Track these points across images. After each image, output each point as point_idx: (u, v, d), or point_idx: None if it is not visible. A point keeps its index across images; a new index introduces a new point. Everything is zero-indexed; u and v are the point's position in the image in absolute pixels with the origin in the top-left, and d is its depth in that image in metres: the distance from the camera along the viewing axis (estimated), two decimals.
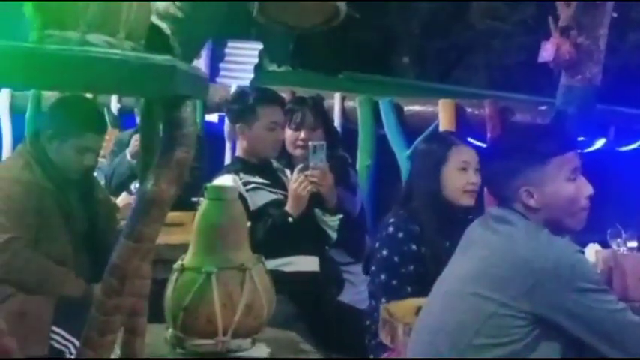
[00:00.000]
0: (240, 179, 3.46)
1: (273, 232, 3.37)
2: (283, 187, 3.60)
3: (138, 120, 5.10)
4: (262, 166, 3.65)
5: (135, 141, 4.55)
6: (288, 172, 3.70)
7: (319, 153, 3.53)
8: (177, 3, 1.42)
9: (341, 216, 3.67)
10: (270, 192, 3.55)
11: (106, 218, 3.43)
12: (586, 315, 2.14)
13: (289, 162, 3.87)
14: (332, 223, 3.63)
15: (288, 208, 3.46)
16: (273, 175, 3.66)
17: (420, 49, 10.85)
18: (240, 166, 3.61)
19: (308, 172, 3.49)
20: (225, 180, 3.38)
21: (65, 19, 1.33)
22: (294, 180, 3.48)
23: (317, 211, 3.59)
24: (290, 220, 3.43)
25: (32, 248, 3.10)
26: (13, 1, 1.49)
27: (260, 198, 3.50)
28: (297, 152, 3.89)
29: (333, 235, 3.66)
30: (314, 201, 3.54)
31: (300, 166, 3.53)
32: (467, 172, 3.20)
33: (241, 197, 3.12)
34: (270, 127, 3.64)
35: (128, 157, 4.66)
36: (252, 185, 3.51)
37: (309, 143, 3.63)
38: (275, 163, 3.76)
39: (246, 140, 3.68)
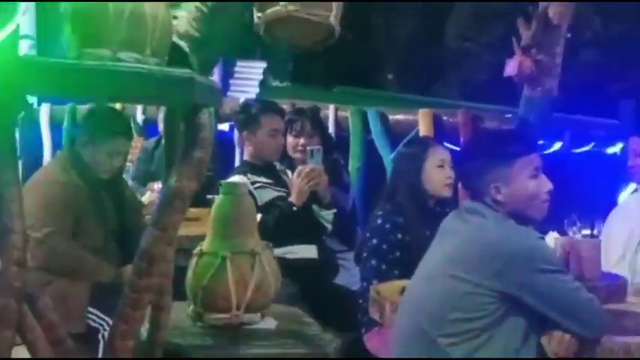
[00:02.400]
0: (248, 179, 3.47)
1: (281, 220, 3.38)
2: (285, 185, 3.61)
3: (160, 129, 5.12)
4: (267, 168, 3.66)
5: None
6: (289, 172, 3.71)
7: (316, 156, 3.54)
8: (195, 23, 1.42)
9: (335, 210, 3.67)
10: (274, 190, 3.56)
11: (133, 213, 3.42)
12: (547, 293, 2.14)
13: (290, 164, 3.87)
14: (327, 216, 3.64)
15: (292, 199, 3.47)
16: (276, 176, 3.67)
17: (403, 66, 10.85)
18: (248, 167, 3.62)
19: (305, 170, 3.50)
20: (235, 179, 3.39)
21: (99, 38, 1.33)
22: (298, 175, 3.49)
23: (314, 206, 3.59)
24: (294, 208, 3.44)
25: (69, 240, 3.10)
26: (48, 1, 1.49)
27: (266, 194, 3.50)
28: (297, 156, 3.89)
29: (328, 226, 3.67)
30: (312, 198, 3.55)
31: (301, 167, 3.55)
32: (444, 169, 3.21)
33: (250, 194, 3.15)
34: (272, 134, 3.65)
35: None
36: (259, 184, 3.52)
37: (307, 148, 3.64)
38: (278, 165, 3.77)
39: (252, 145, 3.69)
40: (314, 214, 3.60)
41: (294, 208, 3.45)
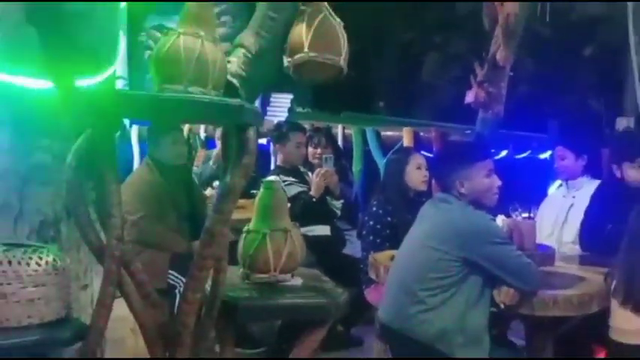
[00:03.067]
0: (280, 178, 3.46)
1: (303, 208, 3.37)
2: (306, 182, 3.59)
3: (217, 143, 5.14)
4: (293, 170, 3.64)
5: (214, 156, 4.62)
6: (310, 173, 3.70)
7: (329, 162, 3.56)
8: (243, 66, 1.41)
9: (342, 201, 3.66)
10: (299, 186, 3.54)
11: (200, 203, 3.41)
12: (497, 258, 2.13)
13: (311, 167, 3.86)
14: (337, 205, 3.63)
15: (312, 193, 3.46)
16: (300, 176, 3.65)
17: (391, 97, 10.81)
18: (280, 170, 3.61)
19: (321, 171, 3.50)
20: (271, 179, 3.39)
21: (174, 77, 1.33)
22: (316, 176, 3.49)
23: (327, 198, 3.59)
24: (313, 199, 3.44)
25: (154, 222, 3.10)
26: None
27: (292, 190, 3.49)
28: (316, 161, 3.89)
29: (338, 212, 3.66)
30: (325, 192, 3.53)
31: (318, 170, 3.55)
32: (421, 170, 3.21)
33: (282, 189, 3.16)
34: (297, 146, 3.64)
35: (211, 164, 4.70)
36: (287, 182, 3.50)
37: (323, 156, 3.66)
38: (302, 168, 3.76)
39: (283, 154, 3.68)
40: (327, 203, 3.59)
41: (313, 199, 3.45)
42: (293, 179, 3.55)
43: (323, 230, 3.53)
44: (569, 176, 3.14)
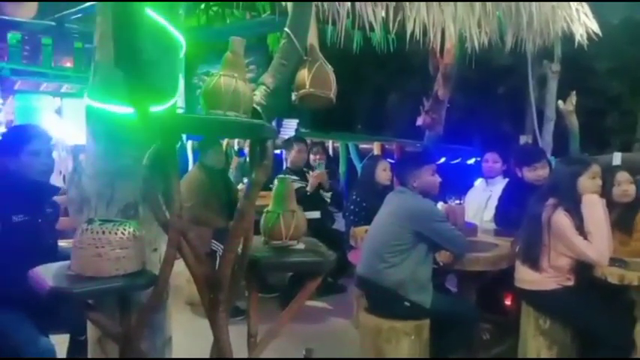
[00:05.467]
0: (290, 178, 3.43)
1: (301, 198, 3.35)
2: (306, 180, 3.55)
3: (246, 151, 5.13)
4: (298, 171, 3.60)
5: (234, 164, 4.64)
6: (311, 172, 3.68)
7: (321, 166, 3.58)
8: (264, 98, 1.41)
9: (331, 192, 3.63)
10: (299, 183, 3.49)
11: (234, 194, 3.41)
12: (438, 231, 2.14)
13: (310, 168, 3.85)
14: (327, 195, 3.60)
15: (308, 188, 3.44)
16: (302, 175, 3.60)
17: (366, 120, 10.79)
18: (288, 171, 3.56)
19: (315, 173, 3.49)
20: (282, 177, 3.36)
21: (216, 104, 1.33)
22: (312, 176, 3.47)
23: (320, 191, 3.57)
24: (307, 192, 3.42)
25: (202, 208, 3.07)
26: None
27: (295, 185, 3.44)
28: (314, 164, 3.86)
29: (328, 200, 3.62)
30: (319, 187, 3.51)
31: (312, 172, 3.53)
32: (386, 171, 3.21)
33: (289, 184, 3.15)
34: (299, 152, 3.60)
35: (231, 170, 4.73)
36: (292, 179, 3.47)
37: (317, 162, 3.66)
38: (304, 169, 3.74)
39: (290, 158, 3.64)
40: (320, 194, 3.57)
41: (307, 192, 3.42)
42: (296, 177, 3.52)
43: (314, 215, 3.51)
44: (494, 175, 3.13)
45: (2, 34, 3.93)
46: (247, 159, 5.11)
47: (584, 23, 3.12)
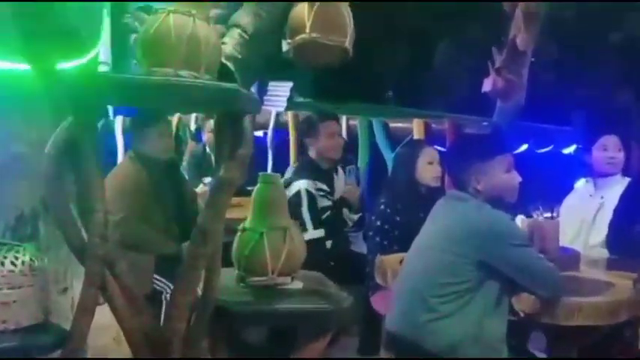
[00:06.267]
0: (316, 185, 3.44)
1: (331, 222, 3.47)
2: (333, 192, 3.57)
3: (203, 138, 5.17)
4: (325, 173, 3.58)
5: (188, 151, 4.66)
6: (339, 169, 3.67)
7: (352, 174, 3.63)
8: (238, 48, 1.42)
9: (360, 214, 3.68)
10: (327, 199, 3.51)
11: (189, 201, 3.41)
12: (516, 262, 2.13)
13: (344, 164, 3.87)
14: (353, 218, 3.65)
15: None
16: (331, 182, 3.60)
17: (401, 85, 10.78)
18: (309, 170, 3.54)
19: (345, 189, 3.56)
20: (308, 185, 3.41)
21: (164, 60, 1.33)
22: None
23: (345, 210, 3.59)
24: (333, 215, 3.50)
25: (138, 223, 3.09)
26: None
27: (321, 202, 3.47)
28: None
29: (350, 223, 3.66)
30: (343, 204, 3.56)
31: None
32: (433, 165, 3.23)
33: (314, 198, 3.36)
34: (329, 136, 3.59)
35: (184, 160, 4.80)
36: (322, 193, 3.48)
37: (346, 168, 3.69)
38: (340, 167, 3.71)
39: (315, 148, 3.60)
40: (342, 215, 3.60)
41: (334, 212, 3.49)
42: (325, 188, 3.52)
43: (315, 234, 3.49)
44: (610, 172, 3.11)
45: None
46: (209, 146, 5.17)
47: None
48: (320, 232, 3.50)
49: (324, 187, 3.51)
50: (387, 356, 2.69)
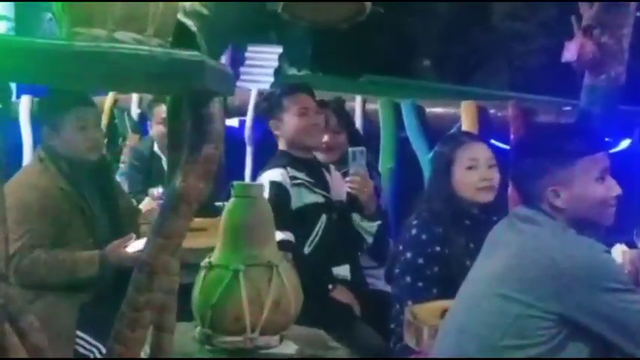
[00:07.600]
0: (288, 173, 3.45)
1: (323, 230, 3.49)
2: (325, 186, 3.61)
3: (149, 129, 5.20)
4: (305, 161, 3.62)
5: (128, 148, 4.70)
6: (332, 167, 3.73)
7: (359, 159, 3.57)
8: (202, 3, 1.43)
9: (380, 222, 3.69)
10: (314, 191, 3.54)
11: (127, 223, 3.43)
12: (614, 315, 2.13)
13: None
14: (370, 229, 3.67)
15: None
16: (317, 172, 3.65)
17: (441, 51, 10.80)
18: (285, 160, 3.56)
19: (348, 179, 3.55)
20: (274, 174, 3.41)
21: (93, 16, 1.34)
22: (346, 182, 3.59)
23: (355, 215, 3.62)
24: (334, 216, 3.54)
25: (51, 251, 3.10)
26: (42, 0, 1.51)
27: (304, 195, 3.50)
28: (321, 156, 3.85)
29: (369, 239, 3.70)
30: (352, 205, 3.59)
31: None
32: (477, 169, 3.17)
33: (285, 192, 3.28)
34: (300, 113, 3.57)
35: (121, 162, 4.92)
36: (298, 181, 3.50)
37: (349, 150, 3.65)
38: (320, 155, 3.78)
39: (282, 134, 3.63)
40: (353, 224, 3.65)
41: (334, 216, 3.53)
42: (305, 177, 3.55)
43: (342, 270, 3.54)
44: None
45: None
46: (158, 143, 5.18)
47: None
48: (287, 235, 3.41)
49: (305, 176, 3.52)
50: None
